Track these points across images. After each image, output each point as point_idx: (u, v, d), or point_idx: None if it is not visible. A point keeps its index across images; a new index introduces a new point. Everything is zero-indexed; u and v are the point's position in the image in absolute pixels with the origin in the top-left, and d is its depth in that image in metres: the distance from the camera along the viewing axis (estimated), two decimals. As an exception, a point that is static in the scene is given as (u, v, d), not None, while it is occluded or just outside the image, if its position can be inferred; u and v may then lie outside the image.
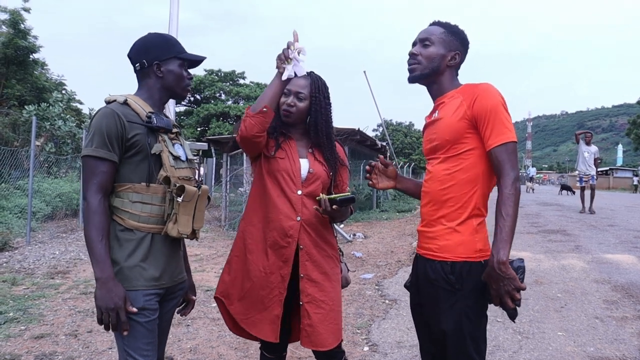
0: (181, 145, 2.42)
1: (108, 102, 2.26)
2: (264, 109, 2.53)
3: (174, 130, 2.39)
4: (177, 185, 2.22)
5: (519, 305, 2.09)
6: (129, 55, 2.39)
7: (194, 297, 2.67)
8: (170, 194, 2.23)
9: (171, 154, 2.28)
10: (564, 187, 33.13)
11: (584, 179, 15.68)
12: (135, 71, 2.38)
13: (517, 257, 2.12)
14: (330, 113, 2.84)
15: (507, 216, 2.04)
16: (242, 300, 2.74)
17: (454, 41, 2.35)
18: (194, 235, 2.37)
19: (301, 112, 2.74)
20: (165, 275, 2.29)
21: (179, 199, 2.22)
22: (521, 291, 2.08)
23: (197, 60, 2.45)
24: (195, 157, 2.55)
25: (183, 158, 2.36)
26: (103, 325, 2.14)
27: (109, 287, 2.10)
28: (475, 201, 2.21)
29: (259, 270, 2.69)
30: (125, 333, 2.15)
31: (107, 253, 2.13)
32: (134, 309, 2.15)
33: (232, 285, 2.77)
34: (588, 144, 15.70)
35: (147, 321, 2.20)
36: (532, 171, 48.99)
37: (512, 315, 2.13)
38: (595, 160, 15.63)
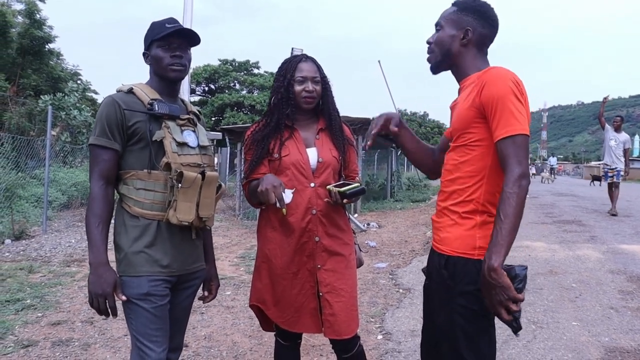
0: (194, 131, 2.39)
1: (118, 92, 2.29)
2: (263, 207, 2.65)
3: (184, 116, 2.36)
4: (177, 171, 2.21)
5: (517, 317, 1.86)
6: None
7: (214, 286, 2.67)
8: (171, 181, 2.23)
9: (175, 140, 2.26)
10: (596, 178, 32.30)
11: (609, 174, 12.55)
12: None
13: (519, 264, 1.89)
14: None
15: (504, 217, 1.83)
16: (277, 305, 2.73)
17: (465, 17, 2.16)
18: (201, 223, 2.35)
19: (319, 96, 2.74)
20: (174, 263, 2.29)
21: (179, 185, 2.22)
22: (520, 300, 1.83)
23: (178, 34, 2.31)
24: (210, 145, 2.54)
25: (193, 144, 2.35)
26: (94, 309, 2.17)
27: (100, 273, 2.13)
28: (479, 197, 2.03)
29: (285, 271, 2.68)
30: (112, 318, 2.19)
31: (103, 239, 2.15)
32: (123, 297, 2.17)
33: (265, 292, 2.75)
34: (617, 130, 12.60)
35: (154, 307, 2.20)
36: (553, 161, 48.33)
37: (515, 329, 1.88)
38: (625, 151, 12.47)
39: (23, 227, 9.31)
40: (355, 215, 13.18)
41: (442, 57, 2.23)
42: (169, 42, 2.31)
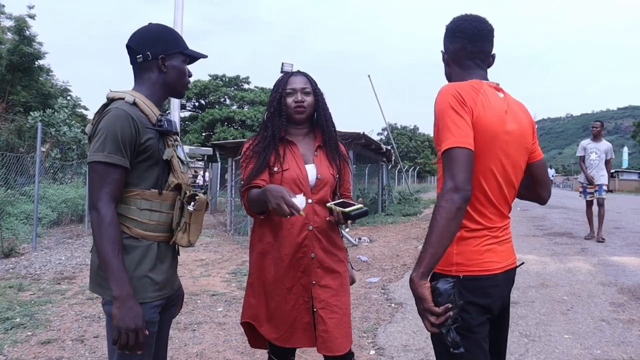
0: (180, 146, 2.34)
1: (111, 99, 2.12)
2: (261, 217, 2.68)
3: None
4: (189, 193, 2.15)
5: (444, 333, 1.84)
6: (129, 45, 2.22)
7: (181, 299, 2.54)
8: (180, 202, 2.16)
9: (179, 159, 2.21)
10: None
11: (588, 190, 10.64)
12: (135, 63, 2.23)
13: (446, 279, 1.89)
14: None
15: (429, 230, 1.85)
16: (270, 321, 2.72)
17: (443, 40, 2.26)
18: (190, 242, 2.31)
19: (310, 106, 2.76)
20: (168, 285, 2.21)
21: (190, 208, 2.14)
22: (435, 313, 1.81)
23: (196, 58, 2.37)
24: (192, 160, 2.51)
25: (185, 161, 2.30)
26: (118, 346, 1.98)
27: (129, 306, 1.95)
28: None
29: (280, 287, 2.68)
30: (139, 353, 2.01)
31: (124, 268, 1.98)
32: (146, 331, 2.02)
33: (259, 308, 2.75)
34: (596, 138, 10.60)
35: (149, 334, 2.07)
36: (551, 173, 48.21)
37: (449, 344, 1.85)
38: (607, 162, 10.46)
39: (12, 244, 9.24)
40: (347, 229, 13.17)
41: (447, 80, 2.29)
42: (187, 59, 2.32)
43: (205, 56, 2.38)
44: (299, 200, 2.47)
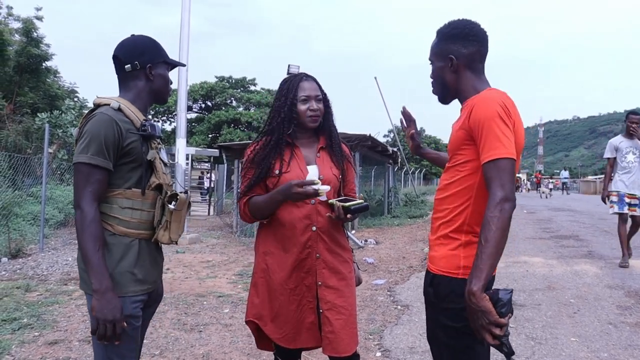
0: (163, 149, 2.45)
1: (98, 105, 2.24)
2: (265, 222, 2.75)
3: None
4: (169, 193, 2.27)
5: (505, 342, 1.81)
6: (116, 56, 2.34)
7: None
8: (161, 201, 2.26)
9: (162, 160, 2.32)
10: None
11: (625, 199, 8.03)
12: (122, 72, 2.35)
13: (504, 288, 1.87)
14: None
15: (485, 242, 1.83)
16: (274, 320, 2.72)
17: (445, 45, 2.19)
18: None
19: (322, 113, 2.76)
20: (150, 280, 2.31)
21: (171, 207, 2.26)
22: (502, 324, 1.80)
23: (175, 66, 2.51)
24: (174, 162, 2.61)
25: (167, 163, 2.41)
26: (97, 336, 2.10)
27: (108, 299, 2.07)
28: (466, 217, 2.05)
29: (283, 287, 2.68)
30: (117, 343, 2.12)
31: (104, 263, 2.10)
32: (124, 324, 2.12)
33: (263, 307, 2.75)
34: (633, 134, 7.96)
35: (132, 329, 2.19)
36: (565, 174, 47.47)
37: (506, 354, 1.83)
38: None
39: (20, 245, 9.29)
40: (353, 231, 13.17)
41: (442, 90, 2.27)
42: (169, 67, 2.44)
43: (183, 64, 2.56)
44: (312, 173, 2.65)
